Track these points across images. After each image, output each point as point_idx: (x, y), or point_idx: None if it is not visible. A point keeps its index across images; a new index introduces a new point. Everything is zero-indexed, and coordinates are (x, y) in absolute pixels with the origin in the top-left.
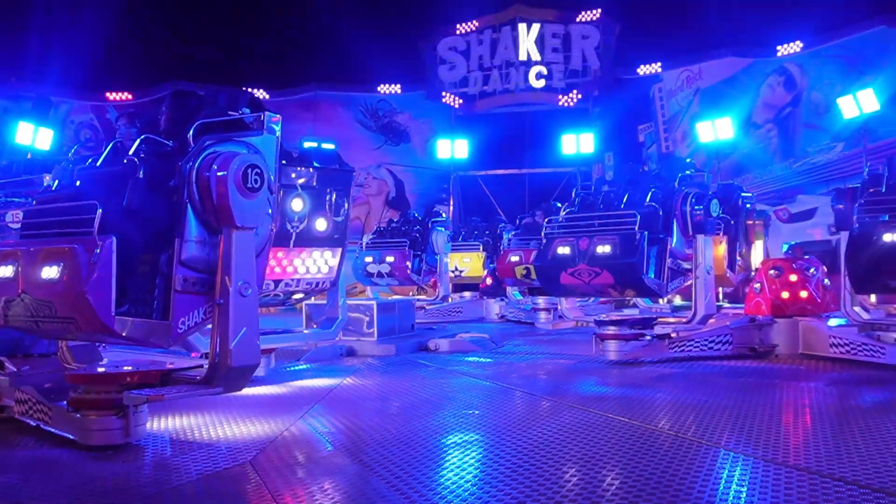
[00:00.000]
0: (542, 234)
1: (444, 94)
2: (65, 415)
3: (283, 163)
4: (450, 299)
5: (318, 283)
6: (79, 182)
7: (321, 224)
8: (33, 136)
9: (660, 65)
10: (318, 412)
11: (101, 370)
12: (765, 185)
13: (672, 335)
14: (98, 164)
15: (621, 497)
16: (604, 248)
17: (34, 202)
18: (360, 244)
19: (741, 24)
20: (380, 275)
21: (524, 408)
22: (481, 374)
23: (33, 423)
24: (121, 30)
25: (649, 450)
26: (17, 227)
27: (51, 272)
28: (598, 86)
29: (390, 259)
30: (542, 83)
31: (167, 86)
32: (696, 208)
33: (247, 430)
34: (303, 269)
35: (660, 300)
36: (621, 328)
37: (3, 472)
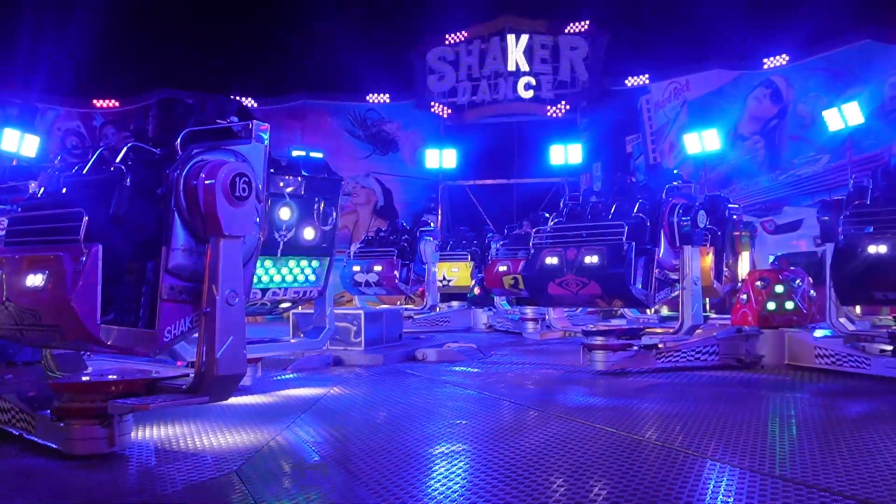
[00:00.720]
0: (531, 245)
1: (432, 103)
2: (48, 424)
3: (272, 171)
4: (437, 309)
5: (305, 293)
6: (65, 189)
7: (309, 233)
8: (19, 142)
9: (647, 76)
10: (305, 422)
11: (85, 379)
12: (751, 196)
13: (659, 346)
14: (84, 171)
15: None
16: (591, 259)
17: (19, 209)
18: (348, 253)
19: (728, 37)
20: (367, 284)
21: (511, 418)
22: (469, 383)
23: (16, 433)
24: (108, 37)
25: (636, 460)
26: (1, 234)
27: (36, 280)
28: (587, 97)
29: (378, 268)
30: (530, 94)
31: (154, 93)
32: (683, 219)
33: (233, 440)
34: (290, 278)
35: (647, 311)
36: (609, 339)
37: None
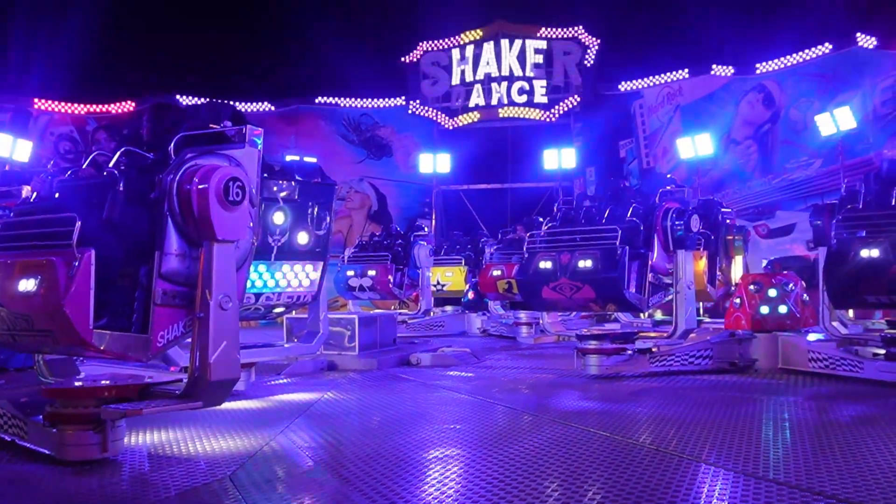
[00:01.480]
0: (524, 249)
1: (426, 108)
2: (41, 430)
3: (265, 176)
4: (432, 313)
5: (299, 297)
6: (58, 194)
7: (303, 237)
8: (12, 147)
9: (641, 81)
10: (299, 427)
11: (78, 384)
12: (744, 200)
13: (653, 350)
14: (77, 176)
15: None
16: (585, 263)
17: (12, 214)
18: (342, 258)
19: (721, 42)
20: (361, 289)
21: (506, 422)
22: (463, 388)
23: (8, 439)
24: (101, 42)
25: (630, 464)
26: None
27: (28, 285)
28: (580, 102)
29: (372, 273)
30: (523, 98)
31: (148, 98)
32: (676, 223)
33: (226, 445)
34: (284, 283)
35: (641, 315)
36: (603, 343)
37: None
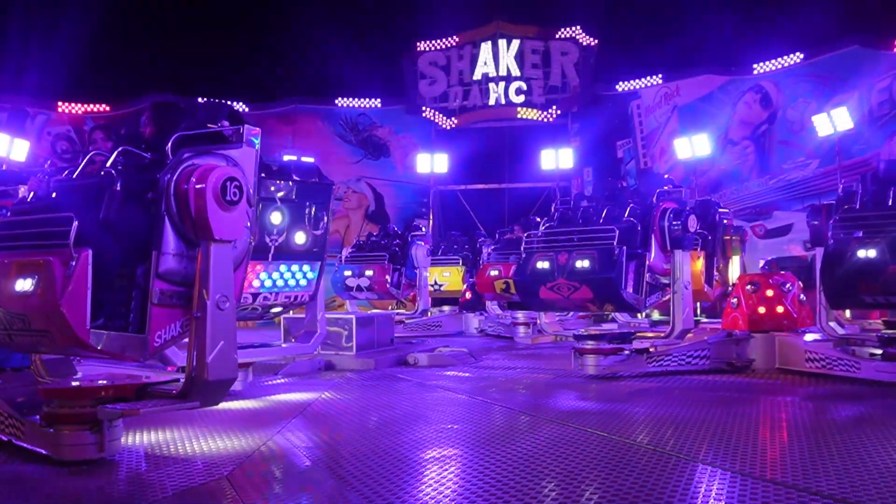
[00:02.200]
0: (522, 249)
1: (424, 108)
2: (37, 429)
3: (263, 176)
4: (429, 313)
5: (296, 297)
6: (55, 194)
7: (300, 237)
8: (9, 147)
9: (638, 81)
10: (296, 427)
11: (75, 384)
12: (741, 201)
13: (650, 350)
14: (75, 175)
15: None
16: (583, 263)
17: (9, 213)
18: (340, 258)
19: (718, 43)
20: (359, 289)
21: (503, 422)
22: (460, 388)
23: (5, 439)
24: (99, 42)
25: (628, 464)
26: None
27: (25, 284)
28: (578, 102)
29: (369, 273)
30: (521, 98)
31: (146, 98)
32: (673, 224)
33: (223, 445)
34: (281, 283)
35: (638, 315)
36: (600, 343)
37: None
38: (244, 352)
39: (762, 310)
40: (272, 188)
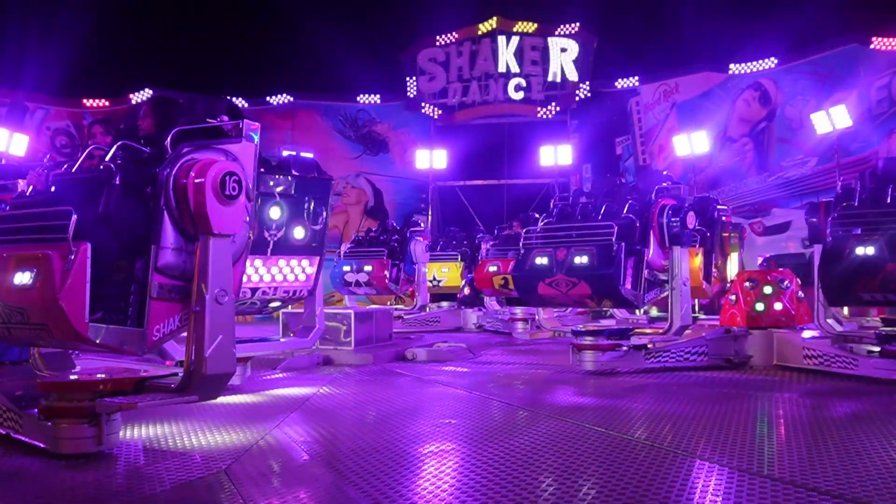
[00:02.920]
0: (520, 245)
1: (423, 104)
2: (36, 423)
3: (262, 171)
4: (427, 309)
5: (295, 292)
6: (54, 188)
7: (299, 232)
8: (8, 142)
9: (637, 79)
10: (294, 421)
11: (73, 378)
12: (740, 198)
13: (648, 346)
14: (73, 169)
15: None
16: (581, 259)
17: (8, 207)
18: (338, 253)
19: (718, 40)
20: (357, 284)
21: (501, 417)
22: (458, 383)
23: (3, 432)
24: (98, 36)
25: (626, 460)
26: None
27: (23, 278)
28: (577, 98)
29: (368, 268)
30: (520, 95)
31: (144, 93)
32: (672, 220)
33: (221, 439)
34: (280, 278)
35: (636, 311)
36: (598, 339)
37: None
38: (243, 346)
39: (760, 306)
40: (271, 183)
